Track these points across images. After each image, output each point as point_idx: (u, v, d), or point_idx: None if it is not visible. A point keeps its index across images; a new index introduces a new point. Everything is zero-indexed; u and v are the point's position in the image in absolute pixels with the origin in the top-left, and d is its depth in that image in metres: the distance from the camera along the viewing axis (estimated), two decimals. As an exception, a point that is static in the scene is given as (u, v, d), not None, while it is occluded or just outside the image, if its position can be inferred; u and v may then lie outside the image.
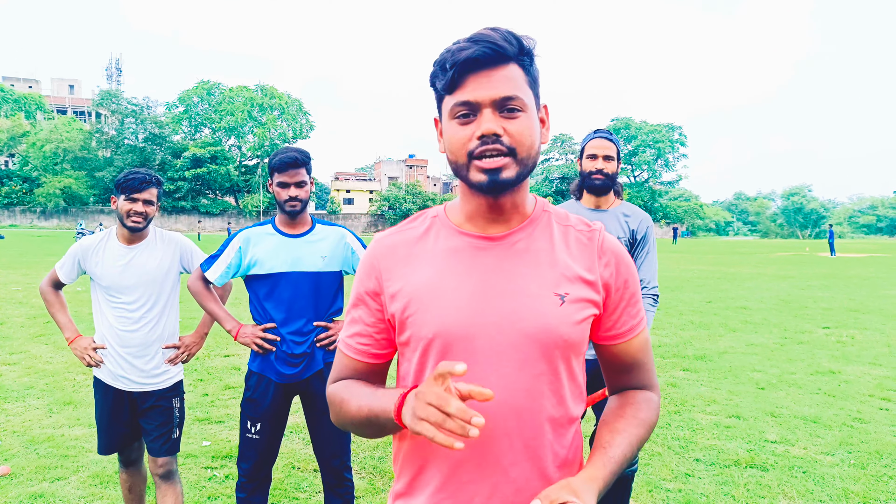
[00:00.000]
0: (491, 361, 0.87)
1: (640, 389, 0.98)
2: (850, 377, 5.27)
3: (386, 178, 69.66)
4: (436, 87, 0.88)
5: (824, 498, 2.95)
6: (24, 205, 52.55)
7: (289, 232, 2.22)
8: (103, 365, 2.28)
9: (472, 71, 0.83)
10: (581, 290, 0.89)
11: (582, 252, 0.92)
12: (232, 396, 4.54)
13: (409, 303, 0.90)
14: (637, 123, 72.94)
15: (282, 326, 2.20)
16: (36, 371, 5.13)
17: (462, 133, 0.85)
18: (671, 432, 3.86)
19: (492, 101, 0.83)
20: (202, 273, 2.29)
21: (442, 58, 0.85)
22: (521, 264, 0.89)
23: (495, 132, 0.83)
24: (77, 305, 7.22)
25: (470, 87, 0.83)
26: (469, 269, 0.89)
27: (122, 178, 2.22)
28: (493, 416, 0.86)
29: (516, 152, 0.84)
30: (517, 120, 0.84)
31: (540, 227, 0.93)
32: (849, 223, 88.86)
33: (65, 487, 2.98)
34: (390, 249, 0.95)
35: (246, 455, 2.25)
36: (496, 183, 0.84)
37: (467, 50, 0.82)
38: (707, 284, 13.43)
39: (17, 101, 64.12)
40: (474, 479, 0.88)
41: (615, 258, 0.93)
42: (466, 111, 0.84)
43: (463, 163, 0.86)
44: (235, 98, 60.32)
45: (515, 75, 0.85)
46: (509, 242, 0.91)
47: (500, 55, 0.83)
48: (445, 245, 0.92)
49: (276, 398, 2.24)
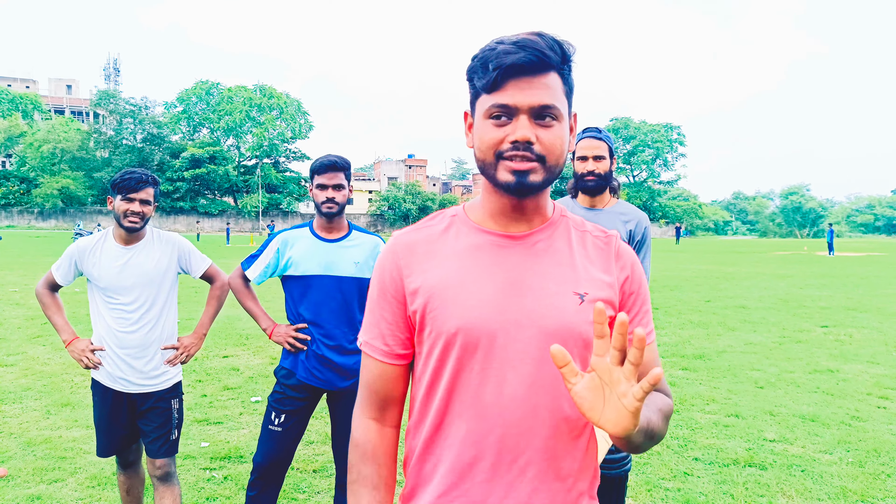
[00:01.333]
0: (511, 358, 0.87)
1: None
2: (848, 376, 5.28)
3: (385, 178, 69.66)
4: (473, 83, 0.88)
5: (822, 496, 2.95)
6: (22, 205, 52.46)
7: (325, 236, 2.30)
8: (101, 367, 2.27)
9: (514, 75, 0.83)
10: (599, 291, 0.90)
11: (599, 255, 0.94)
12: (230, 398, 4.54)
13: (430, 298, 0.90)
14: (636, 123, 73.06)
15: (312, 327, 2.27)
16: (33, 373, 5.12)
17: (495, 134, 0.86)
18: (670, 431, 3.86)
19: (530, 108, 0.84)
20: (243, 272, 2.38)
21: (484, 56, 0.85)
22: (542, 263, 0.90)
23: (529, 139, 0.84)
24: (74, 307, 7.21)
25: (510, 91, 0.84)
26: (491, 266, 0.90)
27: (119, 179, 2.21)
28: (512, 413, 0.86)
29: (546, 160, 0.86)
30: (551, 129, 0.86)
31: (559, 230, 0.94)
32: (847, 222, 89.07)
33: (62, 489, 2.97)
34: (410, 246, 0.95)
35: (263, 448, 2.27)
36: (523, 185, 0.86)
37: (513, 55, 0.82)
38: (706, 284, 13.45)
39: (14, 101, 64.00)
40: (489, 478, 0.88)
41: (631, 264, 0.95)
42: (503, 113, 0.85)
43: (491, 161, 0.87)
44: (234, 98, 60.29)
45: (555, 84, 0.86)
46: (530, 242, 0.92)
47: (543, 63, 0.84)
48: (467, 242, 0.92)
49: (304, 395, 2.30)
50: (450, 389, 0.89)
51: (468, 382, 0.88)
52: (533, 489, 0.87)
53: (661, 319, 8.32)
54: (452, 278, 0.90)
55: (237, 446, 3.55)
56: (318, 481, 3.12)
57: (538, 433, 0.87)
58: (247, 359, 5.73)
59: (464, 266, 0.90)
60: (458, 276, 0.90)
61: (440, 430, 0.91)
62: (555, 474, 0.88)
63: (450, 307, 0.88)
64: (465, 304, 0.88)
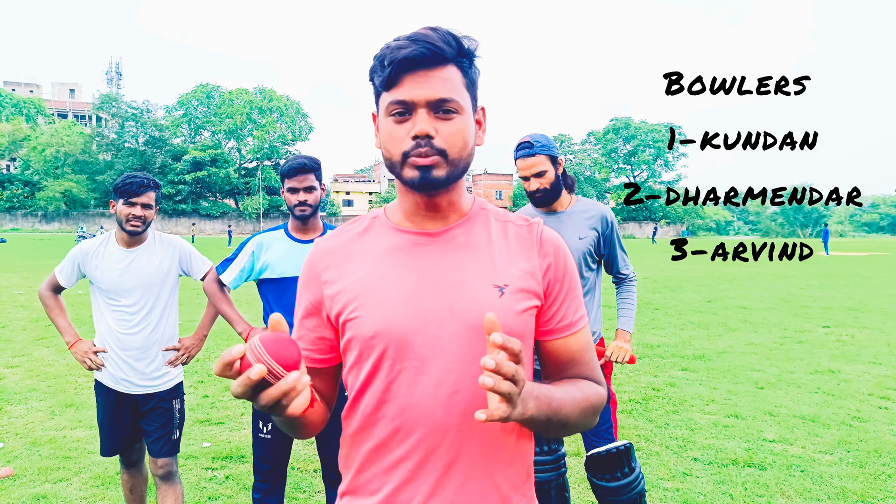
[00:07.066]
0: (433, 356, 0.85)
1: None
2: (849, 376, 5.27)
3: (385, 180, 69.64)
4: (374, 83, 0.88)
5: (822, 497, 2.95)
6: (26, 208, 52.63)
7: (300, 237, 2.27)
8: (104, 368, 2.30)
9: (409, 70, 0.83)
10: (520, 281, 0.89)
11: (521, 244, 0.92)
12: (232, 398, 4.56)
13: (348, 303, 0.89)
14: (636, 123, 72.89)
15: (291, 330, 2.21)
16: (38, 374, 5.15)
17: (397, 131, 0.85)
18: (669, 432, 3.87)
19: (427, 102, 0.83)
20: (217, 276, 2.34)
21: (381, 53, 0.85)
22: (460, 258, 0.89)
23: (428, 133, 0.83)
24: (77, 309, 7.25)
25: (406, 86, 0.83)
26: (408, 266, 0.89)
27: (121, 183, 2.24)
28: (435, 411, 0.85)
29: (447, 154, 0.85)
30: (451, 122, 0.85)
31: (478, 223, 0.93)
32: (850, 222, 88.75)
33: (67, 488, 3.00)
34: (328, 252, 0.94)
35: (259, 455, 2.28)
36: (427, 180, 0.85)
37: (406, 49, 0.82)
38: (706, 284, 13.42)
39: (17, 105, 64.30)
40: (414, 478, 0.86)
41: (554, 250, 0.93)
42: (402, 110, 0.84)
43: (398, 161, 0.86)
44: (234, 101, 60.43)
45: (453, 77, 0.85)
46: (448, 238, 0.91)
47: (437, 56, 0.83)
48: (384, 244, 0.92)
49: None
50: (374, 391, 0.88)
51: (390, 383, 0.87)
52: (458, 487, 0.86)
53: (661, 320, 8.32)
54: (368, 281, 0.89)
55: (238, 446, 3.58)
56: (319, 481, 3.14)
57: (464, 430, 0.85)
58: (249, 360, 5.75)
59: (380, 268, 0.90)
60: (374, 278, 0.89)
61: (366, 430, 0.90)
62: (482, 472, 0.87)
63: (367, 310, 0.87)
64: (381, 306, 0.87)
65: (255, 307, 6.79)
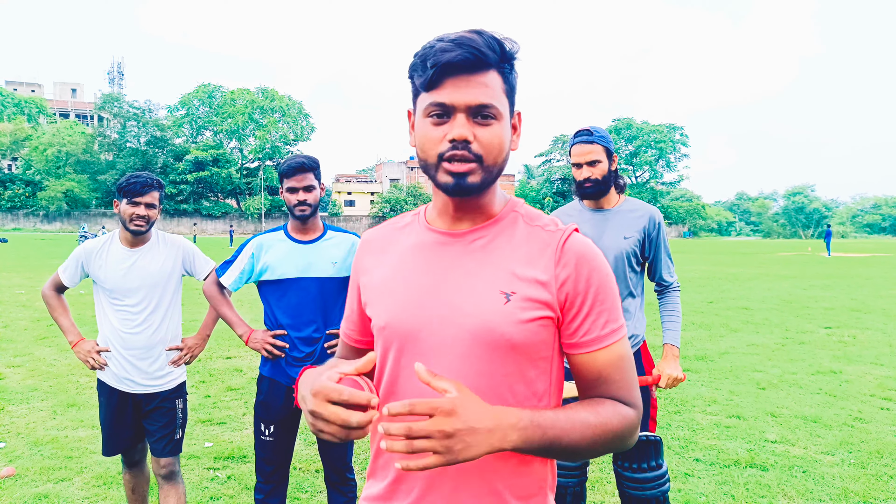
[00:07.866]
0: (434, 355, 0.87)
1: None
2: (851, 377, 5.27)
3: (387, 180, 69.69)
4: (413, 81, 0.88)
5: (824, 497, 2.95)
6: (28, 208, 52.76)
7: (300, 238, 2.24)
8: (107, 367, 2.30)
9: (451, 74, 0.83)
10: (530, 290, 0.86)
11: (542, 252, 0.89)
12: (234, 398, 4.57)
13: (371, 293, 0.96)
14: (638, 124, 72.94)
15: (291, 332, 2.21)
16: (40, 373, 5.16)
17: (434, 133, 0.85)
18: (671, 432, 3.86)
19: (467, 107, 0.83)
20: (217, 278, 2.32)
21: (423, 53, 0.84)
22: (476, 261, 0.89)
23: (466, 138, 0.83)
24: (80, 308, 7.27)
25: (447, 89, 0.83)
26: (428, 264, 0.92)
27: (124, 182, 2.24)
28: None
29: (483, 159, 0.85)
30: (489, 128, 0.85)
31: (505, 226, 0.92)
32: (852, 222, 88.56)
33: (69, 488, 3.00)
34: (368, 244, 1.01)
35: (261, 457, 2.28)
36: (461, 187, 0.85)
37: (450, 52, 0.82)
38: (709, 285, 13.42)
39: (19, 104, 64.42)
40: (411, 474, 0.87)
41: (576, 260, 0.87)
42: (441, 112, 0.85)
43: (433, 163, 0.86)
44: (236, 101, 60.52)
45: (493, 83, 0.85)
46: (468, 240, 0.91)
47: (480, 61, 0.83)
48: (415, 240, 0.95)
49: (288, 401, 2.25)
50: (385, 380, 0.93)
51: (397, 376, 0.91)
52: (454, 486, 0.86)
53: (663, 321, 8.31)
54: (390, 275, 0.94)
55: (240, 446, 3.58)
56: (321, 481, 3.14)
57: None
58: (250, 360, 5.75)
59: (404, 263, 0.93)
60: (395, 272, 0.93)
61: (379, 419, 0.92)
62: (479, 478, 0.86)
63: (382, 303, 0.93)
64: (393, 301, 0.91)
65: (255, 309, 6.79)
